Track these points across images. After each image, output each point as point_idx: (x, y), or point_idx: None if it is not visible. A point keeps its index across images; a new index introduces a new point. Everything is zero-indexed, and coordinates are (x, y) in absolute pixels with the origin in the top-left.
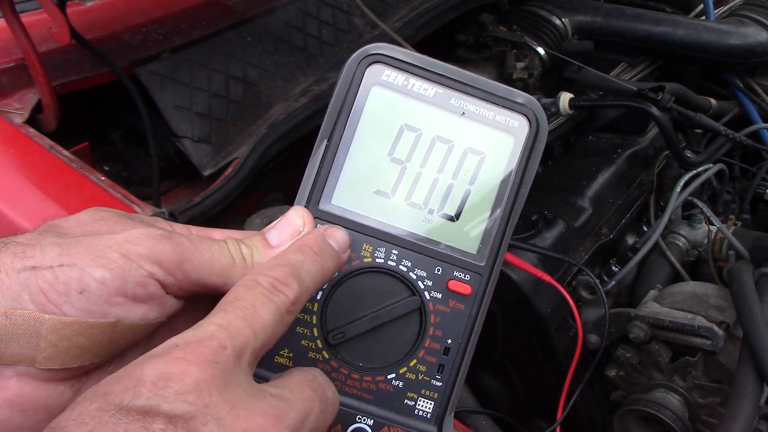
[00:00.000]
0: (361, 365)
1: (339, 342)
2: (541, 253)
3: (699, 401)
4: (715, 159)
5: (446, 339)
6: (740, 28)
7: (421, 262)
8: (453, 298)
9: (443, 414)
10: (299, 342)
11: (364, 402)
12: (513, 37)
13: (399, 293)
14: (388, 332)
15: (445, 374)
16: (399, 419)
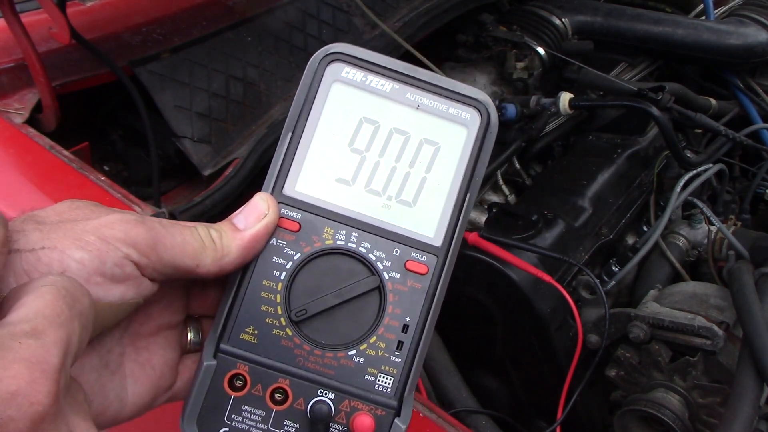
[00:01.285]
0: (323, 342)
1: (302, 319)
2: (541, 253)
3: (699, 401)
4: (715, 159)
5: (405, 317)
6: (740, 28)
7: (379, 244)
8: (411, 277)
9: (403, 390)
10: (264, 320)
11: (325, 377)
12: (513, 37)
13: (359, 273)
14: (349, 311)
15: (404, 351)
16: (359, 393)
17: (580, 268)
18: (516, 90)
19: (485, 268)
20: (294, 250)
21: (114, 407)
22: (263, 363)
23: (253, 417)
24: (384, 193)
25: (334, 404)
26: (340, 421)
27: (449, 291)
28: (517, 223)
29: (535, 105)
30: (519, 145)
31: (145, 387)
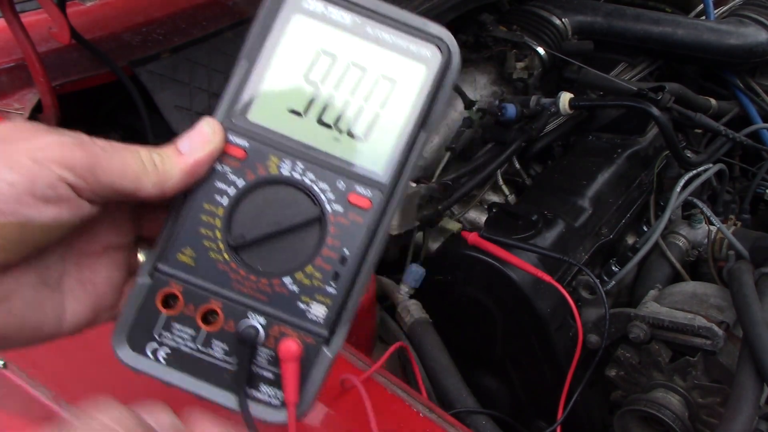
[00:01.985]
0: (260, 268)
1: (239, 245)
2: (541, 253)
3: (699, 401)
4: (715, 159)
5: (343, 249)
6: (740, 28)
7: (324, 175)
8: (353, 210)
9: (336, 321)
10: (201, 242)
11: (258, 302)
12: (513, 37)
13: (301, 204)
14: (289, 240)
15: (340, 283)
16: (290, 320)
17: (580, 268)
18: (516, 90)
19: (485, 268)
20: (238, 177)
21: (51, 323)
22: (197, 284)
23: (183, 335)
24: (335, 126)
25: (264, 329)
26: (269, 346)
27: (449, 291)
28: (517, 223)
29: (535, 105)
30: (519, 145)
31: (85, 305)
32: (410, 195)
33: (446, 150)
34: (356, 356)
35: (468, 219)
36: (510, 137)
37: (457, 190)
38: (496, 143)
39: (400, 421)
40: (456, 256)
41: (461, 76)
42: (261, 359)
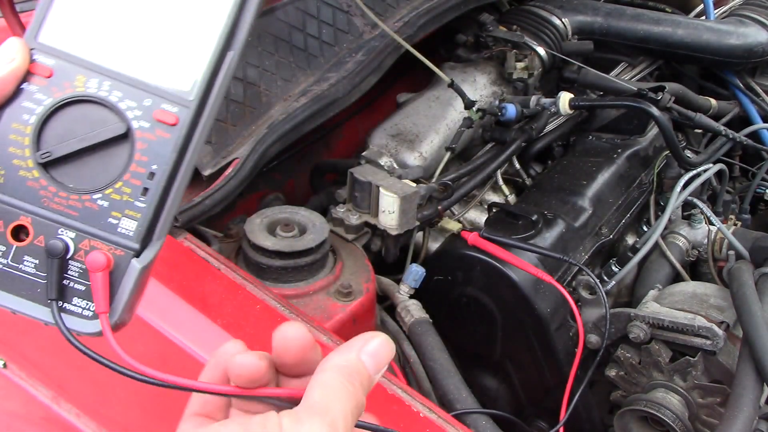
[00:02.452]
0: (70, 186)
1: (48, 161)
2: (541, 254)
3: (699, 401)
4: (715, 159)
5: (152, 165)
6: (740, 28)
7: (131, 94)
8: (159, 127)
9: (148, 235)
10: (11, 161)
11: (69, 218)
12: (513, 37)
13: (108, 121)
14: (98, 157)
15: (150, 197)
16: (100, 234)
17: (580, 268)
18: (516, 90)
19: (485, 268)
20: (45, 95)
21: None
22: (7, 201)
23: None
24: (142, 45)
25: (74, 243)
26: (79, 259)
27: (449, 291)
28: (517, 223)
29: (535, 105)
30: (519, 145)
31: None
32: (410, 195)
33: (446, 150)
34: None
35: (468, 219)
36: (510, 137)
37: (457, 190)
38: (496, 143)
39: (400, 421)
40: (456, 256)
41: (461, 76)
42: (72, 273)
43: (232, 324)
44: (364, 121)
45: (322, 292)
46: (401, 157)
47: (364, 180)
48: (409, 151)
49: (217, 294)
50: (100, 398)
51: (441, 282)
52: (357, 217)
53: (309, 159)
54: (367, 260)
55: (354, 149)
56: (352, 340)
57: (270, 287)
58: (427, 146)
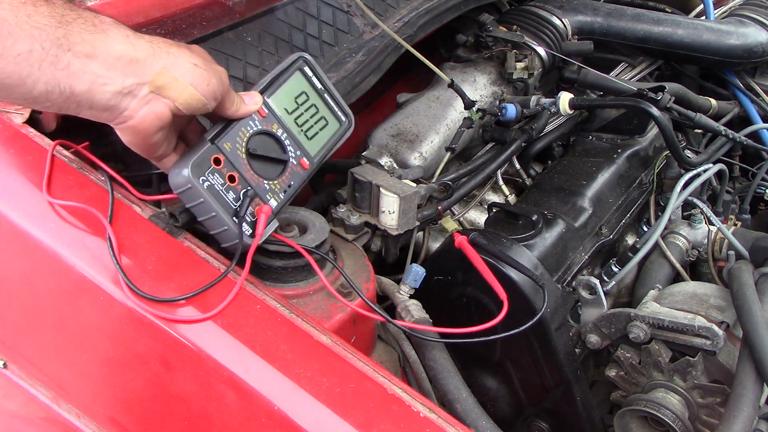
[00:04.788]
0: (255, 171)
1: (250, 151)
2: (520, 270)
3: (699, 401)
4: (715, 159)
5: (291, 180)
6: (740, 28)
7: (295, 144)
8: (299, 167)
9: (279, 211)
10: (236, 143)
11: (253, 183)
12: (513, 37)
13: (281, 150)
14: (270, 165)
15: (286, 195)
16: (264, 199)
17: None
18: (516, 90)
19: None
20: (259, 125)
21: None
22: (230, 160)
23: (218, 180)
24: (301, 129)
25: (251, 199)
26: (253, 207)
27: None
28: (517, 223)
29: (535, 105)
30: (519, 145)
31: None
32: (410, 195)
33: (446, 150)
34: (355, 355)
35: (468, 219)
36: (510, 137)
37: (457, 190)
38: (496, 143)
39: (400, 421)
40: (456, 256)
41: (461, 76)
42: (249, 210)
43: (232, 324)
44: (364, 121)
45: (322, 292)
46: (401, 157)
47: (365, 180)
48: (409, 151)
49: (216, 294)
50: (100, 398)
51: (441, 282)
52: (357, 217)
53: None
54: (367, 260)
55: (354, 149)
56: None
57: (270, 287)
58: (427, 146)
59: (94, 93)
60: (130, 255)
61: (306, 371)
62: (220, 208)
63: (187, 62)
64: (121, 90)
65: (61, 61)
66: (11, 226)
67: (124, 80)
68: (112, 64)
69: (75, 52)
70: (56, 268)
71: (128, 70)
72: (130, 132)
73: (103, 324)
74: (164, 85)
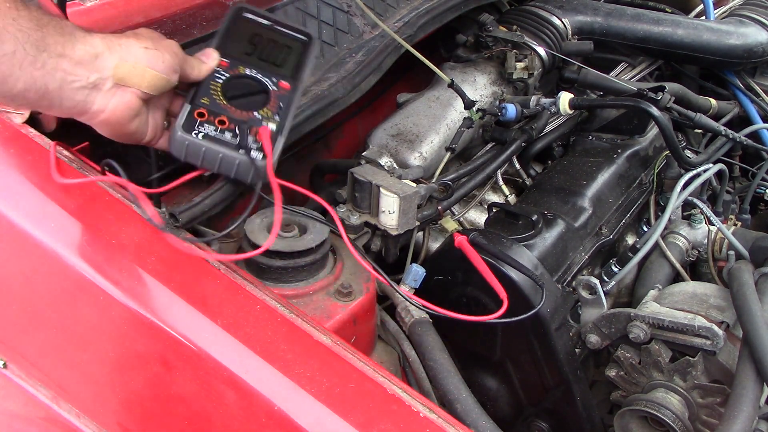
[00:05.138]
0: (243, 107)
1: (230, 96)
2: (520, 270)
3: (699, 401)
4: (715, 159)
5: (279, 102)
6: (740, 28)
7: (267, 74)
8: (281, 89)
9: (279, 130)
10: (211, 95)
11: (245, 118)
12: (513, 37)
13: (256, 84)
14: (252, 98)
15: (280, 116)
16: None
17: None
18: (516, 90)
19: None
20: (225, 73)
21: (147, 132)
22: (212, 109)
23: (210, 128)
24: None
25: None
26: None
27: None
28: (517, 223)
29: (535, 105)
30: (519, 145)
31: (156, 125)
32: (410, 195)
33: (446, 150)
34: (355, 355)
35: (468, 219)
36: (510, 137)
37: (457, 190)
38: (496, 143)
39: (400, 421)
40: (456, 256)
41: (461, 76)
42: (250, 139)
43: (232, 324)
44: (364, 121)
45: (322, 292)
46: (401, 157)
47: (365, 180)
48: (409, 151)
49: (217, 294)
50: (100, 398)
51: (441, 282)
52: (357, 217)
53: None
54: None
55: (354, 149)
56: None
57: (270, 287)
58: (427, 146)
59: (64, 90)
60: (131, 255)
61: (306, 371)
62: (223, 148)
63: (138, 48)
64: (87, 85)
65: (38, 61)
66: (11, 226)
67: (88, 76)
68: (78, 62)
69: (49, 52)
70: (56, 268)
71: (91, 67)
72: (106, 125)
73: (103, 324)
74: (125, 75)
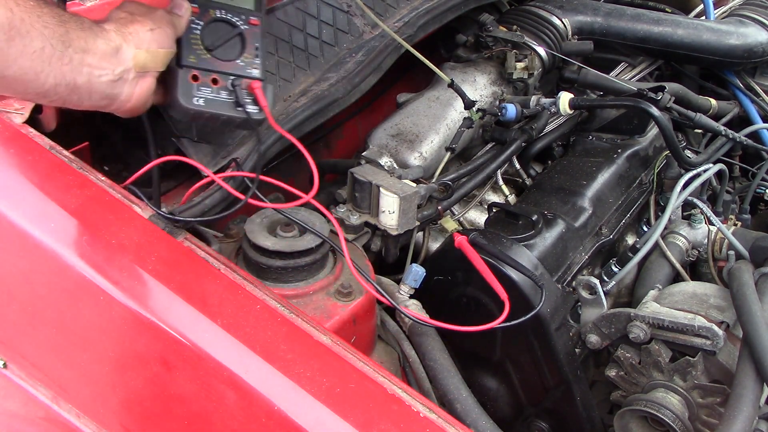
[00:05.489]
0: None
1: (210, 47)
2: (520, 271)
3: (699, 401)
4: (715, 159)
5: (255, 42)
6: (740, 28)
7: (237, 14)
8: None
9: (263, 72)
10: (196, 52)
11: (234, 69)
12: (513, 37)
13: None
14: (231, 43)
15: (259, 56)
16: (248, 74)
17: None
18: (516, 90)
19: None
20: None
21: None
22: (203, 67)
23: (206, 90)
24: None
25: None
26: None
27: (449, 291)
28: (517, 223)
29: (535, 105)
30: (519, 145)
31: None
32: (410, 195)
33: (446, 150)
34: (355, 355)
35: (468, 219)
36: (510, 137)
37: (457, 190)
38: (496, 143)
39: (400, 421)
40: (456, 256)
41: (461, 76)
42: (245, 96)
43: (232, 324)
44: (364, 121)
45: (322, 292)
46: (401, 157)
47: (365, 180)
48: (409, 151)
49: (217, 294)
50: (100, 398)
51: (441, 282)
52: (357, 217)
53: None
54: (367, 260)
55: (354, 149)
56: None
57: (270, 287)
58: (427, 146)
59: (93, 84)
60: (131, 255)
61: (306, 371)
62: (224, 108)
63: (145, 32)
64: (114, 78)
65: (65, 57)
66: (11, 226)
67: (114, 69)
68: (102, 57)
69: (74, 47)
70: (56, 268)
71: (115, 60)
72: (132, 111)
73: (103, 324)
74: (145, 63)
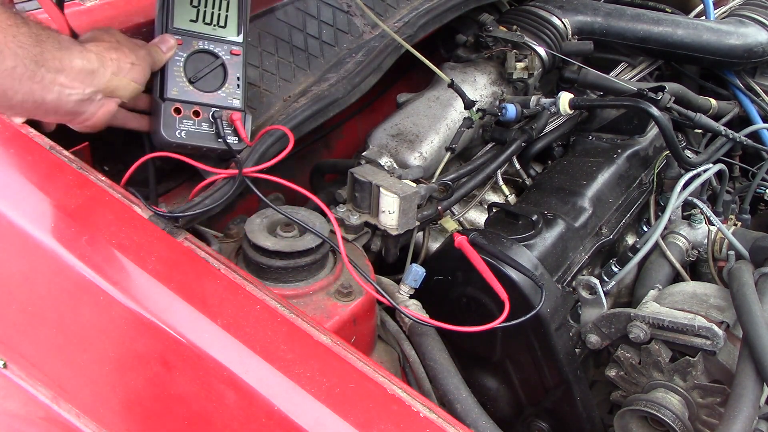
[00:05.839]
0: (207, 89)
1: (192, 78)
2: (520, 270)
3: (699, 401)
4: (715, 159)
5: (236, 74)
6: (740, 28)
7: (218, 45)
8: (234, 56)
9: (245, 103)
10: (179, 84)
11: (212, 101)
12: (513, 37)
13: (212, 58)
14: (213, 74)
15: (241, 87)
16: (229, 105)
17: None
18: (516, 90)
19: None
20: (183, 53)
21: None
22: (184, 100)
23: (188, 123)
24: (212, 23)
25: (219, 114)
26: (226, 120)
27: (449, 291)
28: (517, 223)
29: (535, 105)
30: (519, 145)
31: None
32: (410, 195)
33: (446, 150)
34: (355, 355)
35: (468, 219)
36: (510, 137)
37: (457, 190)
38: (496, 143)
39: (400, 421)
40: (456, 256)
41: (461, 76)
42: (224, 125)
43: (232, 324)
44: (364, 121)
45: (322, 292)
46: (401, 157)
47: (365, 180)
48: (409, 151)
49: (217, 294)
50: (100, 398)
51: (441, 282)
52: (357, 217)
53: (309, 159)
54: (367, 260)
55: (354, 149)
56: None
57: (270, 287)
58: (427, 146)
59: (62, 102)
60: (131, 255)
61: (306, 371)
62: (205, 140)
63: (127, 63)
64: (83, 98)
65: (36, 75)
66: (11, 226)
67: (84, 89)
68: (75, 77)
69: (48, 67)
70: (56, 268)
71: (87, 81)
72: (88, 127)
73: (102, 324)
74: (115, 89)
